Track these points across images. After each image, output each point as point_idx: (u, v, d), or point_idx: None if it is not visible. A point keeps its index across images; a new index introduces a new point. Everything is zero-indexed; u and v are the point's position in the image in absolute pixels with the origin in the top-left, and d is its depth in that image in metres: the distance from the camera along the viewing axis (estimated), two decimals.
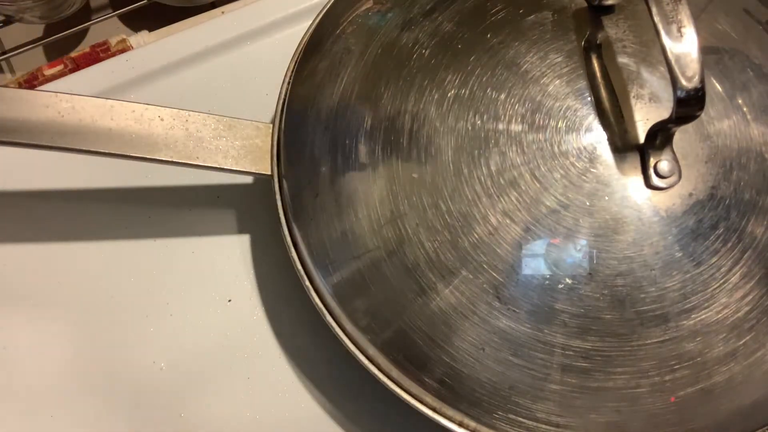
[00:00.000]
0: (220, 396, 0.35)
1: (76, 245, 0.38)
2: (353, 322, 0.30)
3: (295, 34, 0.36)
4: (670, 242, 0.28)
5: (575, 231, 0.28)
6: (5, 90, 0.32)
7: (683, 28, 0.26)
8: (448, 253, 0.29)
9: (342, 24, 0.34)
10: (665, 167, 0.28)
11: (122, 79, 0.41)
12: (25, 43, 0.49)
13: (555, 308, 0.28)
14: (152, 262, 0.38)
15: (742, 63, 0.31)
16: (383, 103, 0.31)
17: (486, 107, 0.30)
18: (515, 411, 0.28)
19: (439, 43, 0.31)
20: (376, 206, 0.30)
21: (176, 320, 0.37)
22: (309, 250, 0.31)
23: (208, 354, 0.36)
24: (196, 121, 0.33)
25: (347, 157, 0.31)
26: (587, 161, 0.29)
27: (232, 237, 0.39)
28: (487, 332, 0.28)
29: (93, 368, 0.36)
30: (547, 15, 0.31)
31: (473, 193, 0.29)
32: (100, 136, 0.32)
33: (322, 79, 0.33)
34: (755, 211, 0.29)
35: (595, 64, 0.30)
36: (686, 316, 0.28)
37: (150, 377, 0.35)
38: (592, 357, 0.28)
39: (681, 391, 0.28)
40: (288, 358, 0.36)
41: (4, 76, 0.49)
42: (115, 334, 0.36)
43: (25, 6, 0.45)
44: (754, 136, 0.30)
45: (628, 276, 0.28)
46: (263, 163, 0.33)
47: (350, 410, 0.35)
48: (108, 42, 0.45)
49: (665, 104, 0.29)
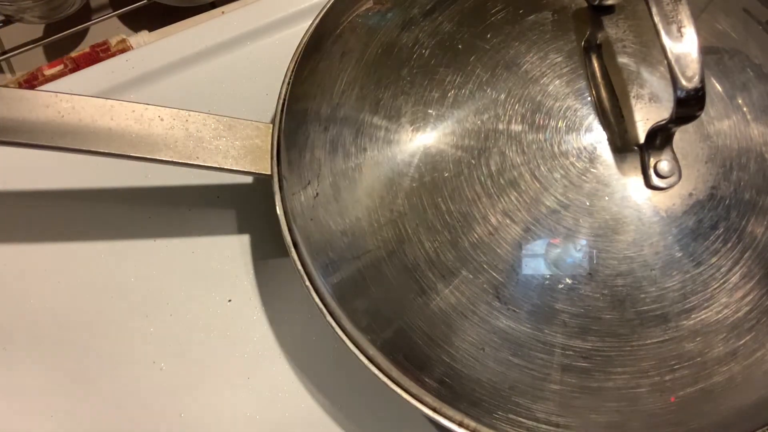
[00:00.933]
0: (220, 396, 0.35)
1: (76, 245, 0.38)
2: (353, 322, 0.30)
3: (295, 34, 0.36)
4: (670, 242, 0.28)
5: (575, 231, 0.28)
6: (5, 90, 0.32)
7: (683, 28, 0.26)
8: (448, 253, 0.28)
9: (342, 24, 0.34)
10: (665, 167, 0.28)
11: (122, 79, 0.41)
12: (25, 43, 0.49)
13: (555, 308, 0.28)
14: (152, 262, 0.38)
15: (742, 63, 0.31)
16: (383, 103, 0.31)
17: (486, 107, 0.30)
18: (515, 411, 0.28)
19: (439, 43, 0.31)
20: (376, 206, 0.30)
21: (176, 320, 0.37)
22: (309, 250, 0.31)
23: (208, 354, 0.36)
24: (196, 121, 0.33)
25: (347, 157, 0.31)
26: (587, 161, 0.29)
27: (232, 237, 0.39)
28: (487, 332, 0.28)
29: (93, 368, 0.36)
30: (547, 15, 0.31)
31: (473, 193, 0.29)
32: (100, 136, 0.32)
33: (322, 79, 0.33)
34: (755, 211, 0.29)
35: (595, 64, 0.30)
36: (686, 316, 0.28)
37: (150, 377, 0.35)
38: (592, 357, 0.28)
39: (681, 391, 0.28)
40: (288, 358, 0.36)
41: (4, 76, 0.49)
42: (115, 334, 0.36)
43: (25, 6, 0.45)
44: (754, 136, 0.30)
45: (628, 276, 0.28)
46: (263, 163, 0.33)
47: (350, 410, 0.35)
48: (108, 42, 0.45)
49: (665, 104, 0.29)
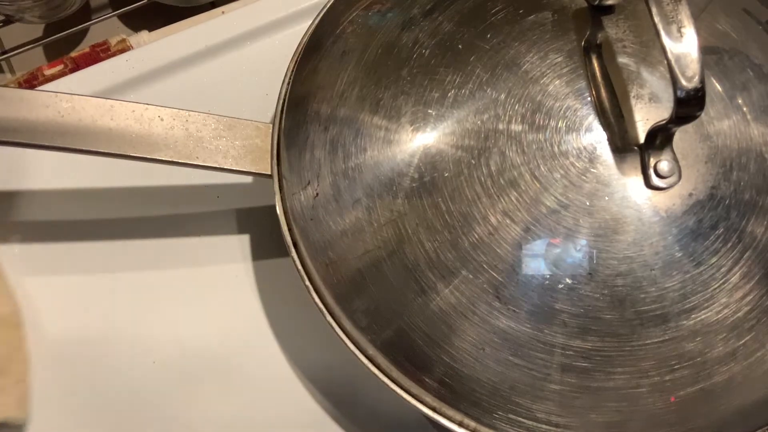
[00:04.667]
0: (220, 396, 0.35)
1: (76, 245, 0.38)
2: (353, 322, 0.30)
3: (295, 34, 0.36)
4: (670, 242, 0.28)
5: (575, 231, 0.28)
6: (5, 90, 0.32)
7: (683, 28, 0.26)
8: (448, 253, 0.28)
9: (342, 24, 0.34)
10: (665, 167, 0.28)
11: (122, 79, 0.41)
12: (25, 43, 0.49)
13: (555, 308, 0.28)
14: (152, 262, 0.38)
15: (742, 63, 0.31)
16: (383, 103, 0.31)
17: (486, 107, 0.30)
18: (515, 411, 0.28)
19: (439, 43, 0.31)
20: (376, 206, 0.30)
21: (176, 320, 0.37)
22: (309, 250, 0.31)
23: (208, 354, 0.36)
24: (196, 121, 0.33)
25: (347, 157, 0.31)
26: (587, 161, 0.29)
27: (232, 237, 0.39)
28: (487, 332, 0.28)
29: (92, 368, 0.36)
30: (547, 15, 0.31)
31: (473, 193, 0.29)
32: (100, 136, 0.32)
33: (322, 79, 0.33)
34: (755, 211, 0.29)
35: (595, 64, 0.30)
36: (686, 316, 0.28)
37: (150, 377, 0.35)
38: (592, 357, 0.28)
39: (681, 391, 0.28)
40: (288, 358, 0.36)
41: (4, 76, 0.49)
42: (115, 334, 0.36)
43: (25, 6, 0.45)
44: (754, 136, 0.30)
45: (628, 276, 0.28)
46: (263, 163, 0.33)
47: (350, 410, 0.35)
48: (108, 42, 0.45)
49: (665, 104, 0.29)
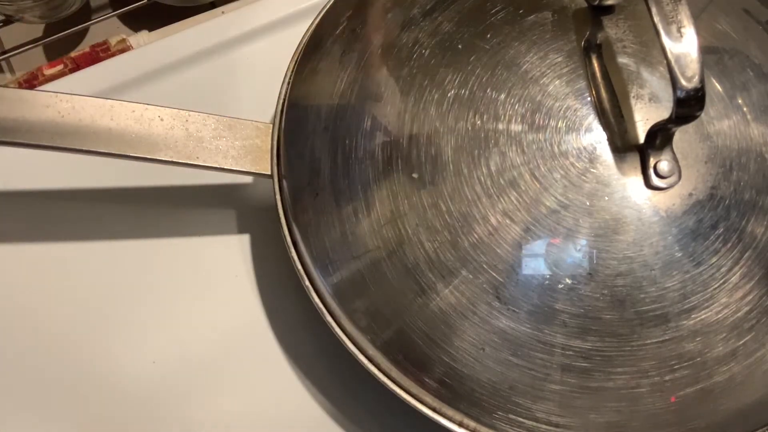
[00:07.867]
0: (220, 396, 0.35)
1: (76, 245, 0.38)
2: (353, 322, 0.30)
3: (295, 34, 0.36)
4: (670, 242, 0.28)
5: (575, 231, 0.28)
6: (5, 90, 0.32)
7: (683, 28, 0.26)
8: (448, 253, 0.28)
9: (342, 24, 0.34)
10: (665, 167, 0.28)
11: (122, 79, 0.41)
12: (25, 42, 0.49)
13: (555, 308, 0.28)
14: (152, 262, 0.38)
15: (742, 63, 0.31)
16: (383, 103, 0.31)
17: (486, 107, 0.30)
18: (515, 411, 0.28)
19: (439, 43, 0.31)
20: (376, 206, 0.30)
21: (176, 320, 0.37)
22: (309, 250, 0.31)
23: (208, 354, 0.36)
24: (196, 121, 0.33)
25: (347, 157, 0.31)
26: (587, 161, 0.29)
27: (232, 237, 0.39)
28: (487, 332, 0.28)
29: (92, 368, 0.36)
30: (547, 15, 0.31)
31: (473, 193, 0.29)
32: (100, 136, 0.32)
33: (322, 79, 0.33)
34: (755, 211, 0.29)
35: (595, 64, 0.30)
36: (686, 316, 0.28)
37: (150, 377, 0.35)
38: (592, 357, 0.28)
39: (681, 391, 0.28)
40: (288, 358, 0.36)
41: (4, 76, 0.49)
42: (115, 333, 0.36)
43: (25, 6, 0.45)
44: (754, 136, 0.30)
45: (628, 276, 0.28)
46: (263, 163, 0.33)
47: (350, 410, 0.35)
48: (108, 42, 0.45)
49: (665, 104, 0.29)
